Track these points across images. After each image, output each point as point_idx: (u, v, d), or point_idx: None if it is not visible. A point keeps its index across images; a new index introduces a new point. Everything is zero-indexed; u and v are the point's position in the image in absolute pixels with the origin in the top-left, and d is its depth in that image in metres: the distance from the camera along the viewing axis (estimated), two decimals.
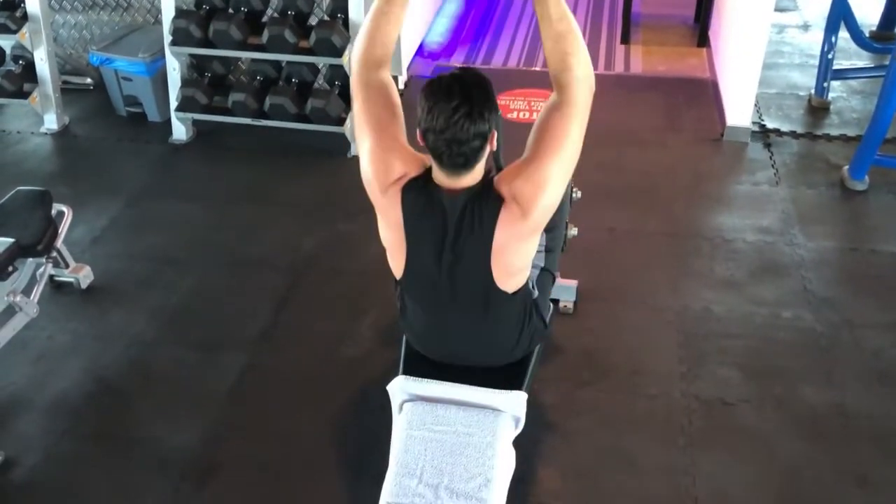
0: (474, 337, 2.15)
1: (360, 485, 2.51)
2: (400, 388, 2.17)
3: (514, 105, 4.80)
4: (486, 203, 1.91)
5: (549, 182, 1.89)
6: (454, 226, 1.93)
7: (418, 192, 1.94)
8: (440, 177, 1.92)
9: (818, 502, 2.47)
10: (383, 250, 2.11)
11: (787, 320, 3.16)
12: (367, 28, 2.02)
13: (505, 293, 2.02)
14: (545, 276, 2.33)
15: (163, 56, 4.40)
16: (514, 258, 1.98)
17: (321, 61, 4.28)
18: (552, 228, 2.36)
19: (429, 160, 1.94)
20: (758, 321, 3.16)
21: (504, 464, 2.06)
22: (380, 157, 1.97)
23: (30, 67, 4.53)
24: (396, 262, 2.06)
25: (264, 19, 4.23)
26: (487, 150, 1.88)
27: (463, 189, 1.91)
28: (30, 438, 2.73)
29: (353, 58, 2.06)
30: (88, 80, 5.01)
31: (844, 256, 3.53)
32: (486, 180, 1.95)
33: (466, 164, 1.87)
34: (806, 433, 2.69)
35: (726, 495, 2.49)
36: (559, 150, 1.88)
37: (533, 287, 2.21)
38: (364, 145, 2.00)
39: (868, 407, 2.78)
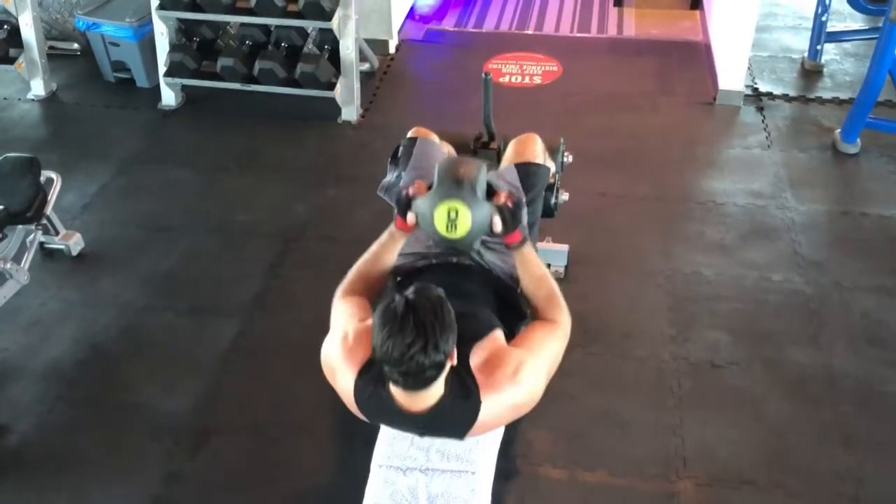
0: None
1: (353, 448, 2.53)
2: None
3: (507, 69, 4.77)
4: (459, 415, 1.84)
5: (527, 370, 1.88)
6: (420, 433, 1.93)
7: (376, 404, 1.87)
8: (397, 393, 1.82)
9: (805, 462, 2.51)
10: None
11: (777, 283, 3.18)
12: (360, 268, 2.17)
13: None
14: None
15: (150, 20, 4.34)
16: (492, 427, 1.97)
17: (310, 25, 4.23)
18: (531, 202, 2.37)
19: None
20: (748, 284, 3.17)
21: None
22: (344, 351, 1.97)
23: (15, 33, 4.47)
24: None
25: None
26: (448, 367, 1.78)
27: (425, 411, 1.82)
28: (23, 405, 2.74)
29: (340, 285, 2.17)
30: (75, 46, 4.95)
31: (835, 219, 3.54)
32: (460, 380, 1.84)
33: (424, 385, 1.77)
34: (793, 395, 2.72)
35: (714, 456, 2.52)
36: (541, 351, 1.94)
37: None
38: (332, 336, 2.05)
39: (855, 368, 2.81)
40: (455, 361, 1.79)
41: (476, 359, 1.87)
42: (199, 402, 2.74)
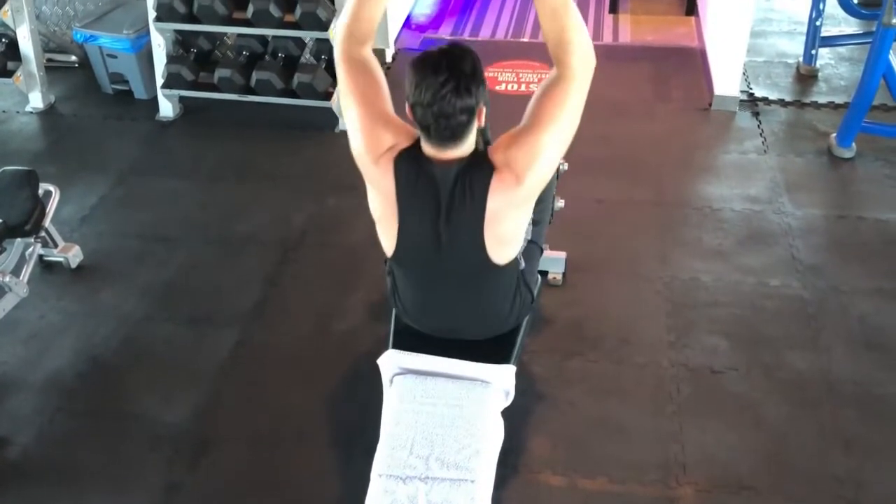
0: (466, 310, 2.16)
1: (352, 457, 2.53)
2: (390, 361, 2.19)
3: (503, 77, 4.79)
4: (478, 172, 1.92)
5: (544, 150, 1.91)
6: (447, 196, 1.94)
7: (410, 163, 1.95)
8: (429, 149, 1.93)
9: (805, 467, 2.51)
10: (372, 224, 2.11)
11: (775, 288, 3.18)
12: (352, 5, 2.04)
13: (497, 265, 2.03)
14: (532, 248, 2.34)
15: (147, 32, 4.36)
16: (506, 227, 1.99)
17: (307, 35, 4.25)
18: (540, 201, 2.36)
19: (417, 131, 1.94)
20: (745, 289, 3.18)
21: (493, 434, 2.08)
22: (368, 129, 1.98)
23: (13, 45, 4.49)
24: (388, 237, 2.06)
25: None
26: (475, 124, 1.89)
27: (454, 160, 1.92)
28: (23, 417, 2.74)
29: (336, 33, 2.10)
30: (73, 58, 4.97)
31: (832, 224, 3.55)
32: (479, 151, 1.96)
33: (454, 137, 1.88)
34: (793, 399, 2.73)
35: (714, 461, 2.53)
36: (556, 121, 1.90)
37: (520, 259, 2.22)
38: (351, 118, 2.01)
39: (854, 372, 2.81)
40: (482, 123, 1.89)
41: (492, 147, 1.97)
42: (199, 413, 2.75)
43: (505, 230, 1.99)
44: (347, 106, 2.02)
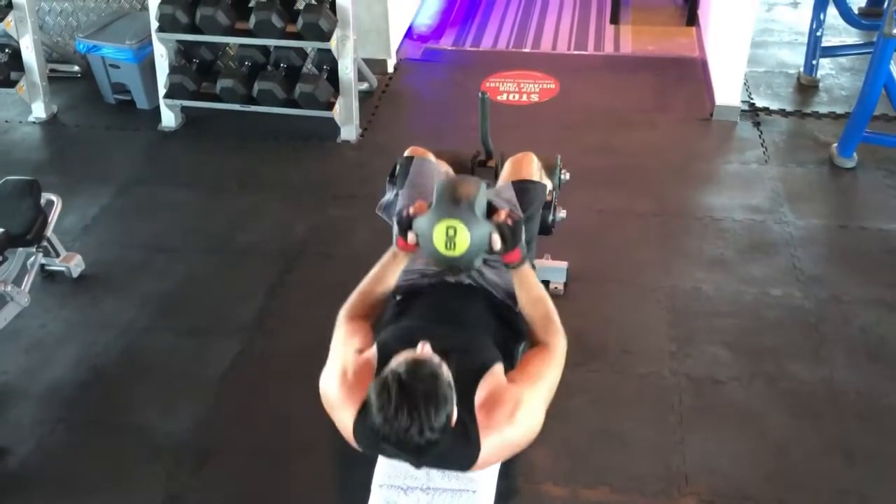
0: None
1: (353, 468, 2.51)
2: None
3: (504, 87, 4.79)
4: (459, 457, 1.87)
5: (532, 401, 1.92)
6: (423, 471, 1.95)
7: (376, 443, 1.83)
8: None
9: (807, 478, 2.50)
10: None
11: (777, 298, 3.18)
12: (363, 288, 2.22)
13: None
14: None
15: (150, 43, 4.38)
16: (492, 463, 1.98)
17: (309, 45, 4.27)
18: (527, 219, 2.38)
19: None
20: (747, 299, 3.18)
21: None
22: (346, 388, 2.00)
23: (16, 56, 4.50)
24: None
25: (251, 4, 4.20)
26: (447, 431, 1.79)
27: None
28: (23, 427, 2.74)
29: (344, 305, 2.21)
30: (76, 68, 4.99)
31: (833, 234, 3.55)
32: (461, 423, 1.83)
33: (423, 455, 1.80)
34: (795, 410, 2.72)
35: (716, 472, 2.52)
36: (544, 379, 1.99)
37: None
38: (332, 370, 2.07)
39: (856, 382, 2.81)
40: (455, 419, 1.78)
41: (478, 398, 1.89)
42: (200, 423, 2.74)
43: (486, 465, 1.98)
44: (332, 357, 2.11)
